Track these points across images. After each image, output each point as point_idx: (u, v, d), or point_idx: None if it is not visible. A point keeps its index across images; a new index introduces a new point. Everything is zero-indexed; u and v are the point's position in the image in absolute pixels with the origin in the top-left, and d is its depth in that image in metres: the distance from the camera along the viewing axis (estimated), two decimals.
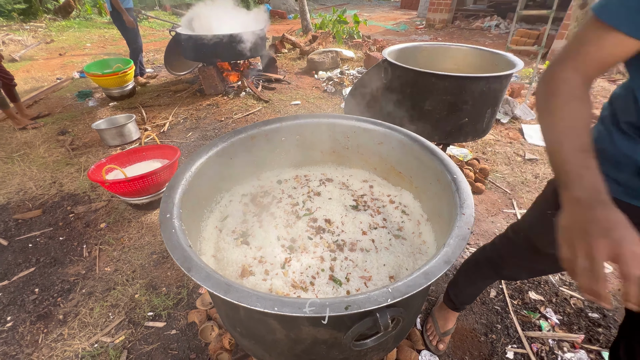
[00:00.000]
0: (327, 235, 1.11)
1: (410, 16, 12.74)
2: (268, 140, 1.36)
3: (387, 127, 1.27)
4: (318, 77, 4.86)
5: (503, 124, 3.48)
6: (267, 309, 0.62)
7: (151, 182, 2.06)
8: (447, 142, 2.26)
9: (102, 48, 7.19)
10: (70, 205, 2.40)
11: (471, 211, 0.85)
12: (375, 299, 0.63)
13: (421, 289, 0.65)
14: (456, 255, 0.73)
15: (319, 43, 6.17)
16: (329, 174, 1.46)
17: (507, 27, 9.83)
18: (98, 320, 1.62)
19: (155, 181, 2.08)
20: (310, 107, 3.93)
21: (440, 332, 1.44)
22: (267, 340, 0.83)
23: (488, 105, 2.05)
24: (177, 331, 1.57)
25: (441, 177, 1.04)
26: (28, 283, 1.82)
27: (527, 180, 2.63)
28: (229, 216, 1.21)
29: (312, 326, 0.73)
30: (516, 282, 1.80)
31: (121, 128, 3.10)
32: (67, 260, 1.97)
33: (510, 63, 2.14)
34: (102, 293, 1.76)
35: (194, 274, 0.69)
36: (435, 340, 1.44)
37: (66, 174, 2.75)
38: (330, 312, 0.61)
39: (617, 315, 1.63)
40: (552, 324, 1.59)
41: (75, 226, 2.22)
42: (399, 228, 1.17)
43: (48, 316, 1.65)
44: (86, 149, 3.13)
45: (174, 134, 3.41)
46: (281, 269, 0.97)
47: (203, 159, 1.12)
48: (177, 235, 0.80)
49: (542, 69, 5.03)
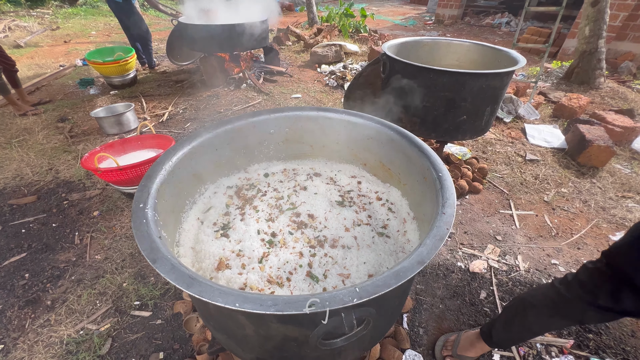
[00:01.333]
0: (308, 231, 1.08)
1: (419, 11, 12.53)
2: (256, 132, 1.34)
3: (377, 122, 1.24)
4: (321, 70, 4.80)
5: (506, 123, 3.41)
6: (228, 304, 0.60)
7: (143, 171, 2.05)
8: (444, 139, 2.22)
9: (107, 36, 7.17)
10: (65, 192, 2.41)
11: (452, 211, 0.82)
12: (341, 299, 0.61)
13: (390, 289, 0.63)
14: (430, 256, 0.70)
15: (323, 36, 6.09)
16: (317, 168, 1.44)
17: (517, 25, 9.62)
18: (85, 308, 1.63)
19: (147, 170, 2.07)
20: (311, 100, 3.89)
21: (456, 353, 1.35)
22: (237, 335, 0.82)
23: (488, 103, 2.00)
24: (162, 321, 1.57)
25: (427, 175, 1.01)
26: (19, 268, 1.83)
27: (527, 181, 2.58)
28: (212, 208, 1.20)
29: (280, 323, 0.71)
30: (507, 285, 1.77)
31: (119, 117, 3.09)
32: (58, 246, 1.98)
33: (513, 60, 2.08)
34: (91, 281, 1.76)
35: (158, 266, 0.67)
36: (446, 352, 1.36)
37: (63, 161, 2.76)
38: (293, 310, 0.59)
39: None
40: None
41: (69, 213, 2.22)
42: (384, 226, 1.14)
43: (36, 301, 1.66)
44: (84, 137, 3.13)
45: (172, 124, 3.40)
46: (258, 264, 0.96)
47: (185, 149, 1.10)
48: (147, 225, 0.78)
49: (549, 68, 4.92)
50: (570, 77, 4.32)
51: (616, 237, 2.10)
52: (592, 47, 4.00)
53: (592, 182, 2.58)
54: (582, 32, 4.05)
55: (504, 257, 1.94)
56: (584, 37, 4.03)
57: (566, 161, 2.81)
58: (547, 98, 3.93)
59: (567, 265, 1.90)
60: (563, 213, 2.29)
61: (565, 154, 2.89)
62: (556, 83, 4.41)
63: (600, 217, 2.26)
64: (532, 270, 1.86)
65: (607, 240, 2.08)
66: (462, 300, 1.68)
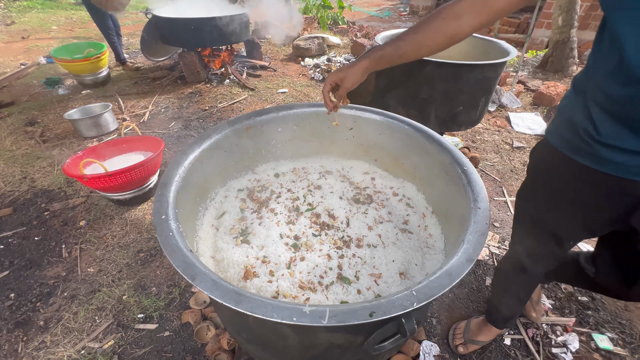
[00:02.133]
0: (332, 232, 1.06)
1: (393, 2, 12.59)
2: (264, 131, 1.28)
3: (390, 117, 1.22)
4: (304, 64, 4.72)
5: (490, 112, 3.51)
6: (285, 319, 0.56)
7: (134, 176, 1.93)
8: (441, 131, 2.24)
9: (70, 31, 6.67)
10: (45, 202, 2.23)
11: (486, 205, 0.82)
12: (401, 304, 0.59)
13: (446, 290, 0.62)
14: (478, 253, 0.70)
15: (304, 28, 5.99)
16: (328, 166, 1.41)
17: None
18: (83, 325, 1.52)
19: (138, 175, 1.96)
20: (298, 95, 3.82)
21: (467, 337, 1.37)
22: (277, 347, 0.78)
23: (482, 94, 2.04)
24: (170, 333, 1.49)
25: (449, 170, 1.01)
26: (2, 288, 1.68)
27: (516, 168, 2.67)
28: (226, 213, 1.14)
29: (330, 332, 0.68)
30: None
31: (97, 118, 2.89)
32: (44, 261, 1.83)
33: (503, 51, 2.13)
34: (86, 296, 1.65)
35: (199, 283, 0.62)
36: (458, 340, 1.38)
37: (38, 168, 2.55)
38: (354, 320, 0.57)
39: (604, 297, 1.69)
40: (545, 308, 1.63)
41: (52, 225, 2.06)
42: (405, 221, 1.13)
43: (27, 323, 1.53)
44: (59, 141, 2.91)
45: (155, 124, 3.23)
46: (287, 270, 0.92)
47: (196, 153, 1.03)
48: (175, 238, 0.73)
49: (525, 57, 5.11)
50: (546, 65, 4.51)
51: None
52: (565, 36, 4.18)
53: None
54: (556, 22, 4.21)
55: (503, 243, 2.00)
56: (558, 27, 4.20)
57: None
58: (527, 87, 4.08)
59: None
60: None
61: None
62: (533, 72, 4.58)
63: None
64: None
65: None
66: (469, 288, 1.73)
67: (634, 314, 1.63)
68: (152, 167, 2.02)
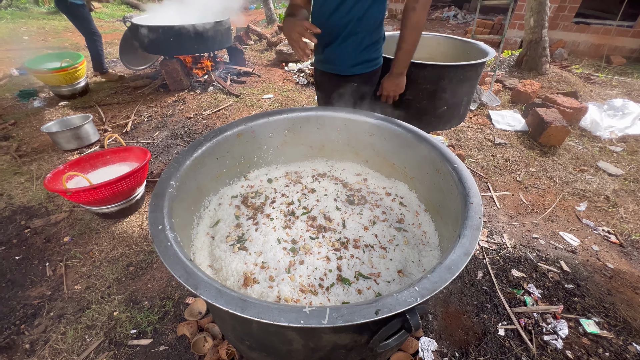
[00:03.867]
0: (329, 234, 1.07)
1: None
2: (255, 136, 1.28)
3: (380, 118, 1.25)
4: (288, 69, 4.73)
5: (472, 111, 3.62)
6: (292, 322, 0.57)
7: (121, 188, 1.88)
8: (427, 130, 2.28)
9: (43, 41, 6.45)
10: (25, 219, 2.14)
11: (479, 200, 0.85)
12: (405, 300, 0.60)
13: (447, 283, 0.64)
14: (474, 246, 0.72)
15: None
16: (320, 169, 1.42)
17: (464, 18, 10.22)
18: (73, 346, 1.46)
19: (125, 187, 1.91)
20: (284, 100, 3.83)
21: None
22: (281, 351, 0.78)
23: (465, 93, 2.10)
24: (166, 347, 1.46)
25: (440, 167, 1.03)
26: None
27: (499, 164, 2.76)
28: (221, 221, 1.13)
29: (335, 333, 0.69)
30: (499, 262, 1.89)
31: (77, 130, 2.80)
32: (27, 281, 1.75)
33: (482, 51, 2.20)
34: (75, 314, 1.59)
35: (202, 292, 0.62)
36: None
37: (15, 184, 2.45)
38: (360, 318, 0.57)
39: (588, 284, 1.77)
40: (535, 298, 1.69)
41: (34, 242, 1.98)
42: (399, 220, 1.16)
43: (11, 347, 1.46)
44: (36, 155, 2.80)
45: (138, 134, 3.15)
46: (287, 274, 0.92)
47: (189, 161, 1.02)
48: (173, 248, 0.72)
49: (501, 57, 5.30)
50: (521, 64, 4.70)
51: (581, 208, 2.33)
52: (537, 36, 4.37)
53: (553, 159, 2.83)
54: (528, 23, 4.40)
55: (492, 236, 2.06)
56: (530, 28, 4.39)
57: (530, 142, 3.05)
58: (504, 85, 4.24)
59: (546, 238, 2.07)
60: (534, 190, 2.49)
61: (528, 136, 3.14)
62: (509, 71, 4.76)
63: (565, 190, 2.49)
64: (518, 246, 2.00)
65: (574, 211, 2.31)
66: (462, 282, 1.77)
67: (616, 297, 1.71)
68: (138, 178, 1.97)
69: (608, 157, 2.89)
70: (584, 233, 2.13)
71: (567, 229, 2.16)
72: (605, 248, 2.02)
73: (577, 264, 1.89)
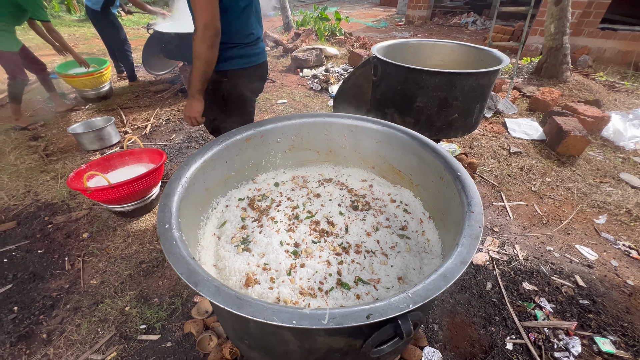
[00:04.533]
0: (331, 238, 1.08)
1: (390, 13, 12.85)
2: (263, 141, 1.32)
3: (386, 125, 1.26)
4: (303, 75, 4.80)
5: (487, 119, 3.55)
6: (285, 322, 0.58)
7: (137, 188, 1.96)
8: (438, 137, 2.28)
9: (73, 47, 6.80)
10: (48, 215, 2.26)
11: (480, 209, 0.84)
12: (397, 306, 0.61)
13: (442, 291, 0.64)
14: (471, 255, 0.72)
15: (302, 40, 6.11)
16: (326, 174, 1.44)
17: (483, 24, 10.09)
18: (86, 337, 1.53)
19: (141, 187, 1.99)
20: (297, 105, 3.88)
21: None
22: (278, 352, 0.80)
23: (477, 101, 2.08)
24: (172, 343, 1.50)
25: (444, 175, 1.03)
26: (5, 301, 1.70)
27: (514, 173, 2.70)
28: (227, 222, 1.16)
29: (329, 336, 0.70)
30: (510, 274, 1.84)
31: (100, 131, 2.94)
32: (47, 274, 1.85)
33: (495, 59, 2.18)
34: (89, 307, 1.66)
35: (202, 289, 0.64)
36: None
37: (41, 182, 2.59)
38: (352, 322, 0.59)
39: (605, 300, 1.70)
40: (547, 312, 1.64)
41: (55, 237, 2.09)
42: (402, 227, 1.16)
43: (30, 336, 1.54)
44: (62, 155, 2.95)
45: (156, 136, 3.28)
46: (287, 276, 0.94)
47: (198, 164, 1.06)
48: (178, 247, 0.75)
49: (520, 64, 5.19)
50: (540, 72, 4.58)
51: (600, 221, 2.24)
52: (558, 43, 4.26)
53: (572, 170, 2.74)
54: (548, 30, 4.30)
55: (503, 247, 2.01)
56: (550, 34, 4.29)
57: (547, 152, 2.97)
58: (522, 93, 4.14)
59: (561, 251, 2.00)
60: (550, 201, 2.41)
61: (546, 145, 3.05)
62: (527, 78, 4.65)
63: (584, 202, 2.40)
64: (530, 258, 1.94)
65: (592, 224, 2.22)
66: (470, 293, 1.73)
67: (636, 316, 1.63)
68: (154, 178, 2.05)
69: (632, 169, 2.77)
70: (603, 247, 2.04)
71: (584, 242, 2.08)
72: (626, 264, 1.93)
73: (593, 279, 1.81)
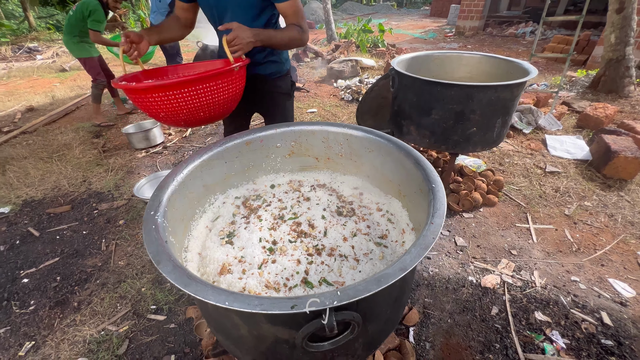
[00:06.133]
0: (308, 240, 1.13)
1: (439, 24, 12.56)
2: (263, 145, 1.42)
3: (376, 134, 1.28)
4: (337, 85, 4.92)
5: (525, 135, 3.31)
6: (219, 302, 0.65)
7: (212, 94, 1.22)
8: (455, 151, 2.20)
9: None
10: (96, 202, 2.61)
11: (440, 221, 0.84)
12: (322, 301, 0.64)
13: (370, 294, 0.66)
14: (413, 264, 0.72)
15: (341, 52, 6.26)
16: (322, 180, 1.49)
17: (543, 34, 9.39)
18: (107, 310, 1.75)
19: (217, 93, 1.23)
20: (326, 115, 3.99)
21: None
22: (234, 336, 0.87)
23: (498, 115, 1.98)
24: (175, 325, 1.65)
25: (423, 187, 1.03)
26: (52, 271, 2.00)
27: (546, 194, 2.49)
28: (220, 217, 1.28)
29: (269, 324, 0.75)
30: (522, 301, 1.70)
31: (147, 132, 3.33)
32: (87, 252, 2.14)
33: (524, 71, 2.06)
34: (114, 285, 1.89)
35: (161, 267, 0.74)
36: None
37: (95, 173, 3.00)
38: (276, 309, 0.64)
39: (635, 344, 1.49)
40: (558, 347, 1.49)
41: (98, 222, 2.40)
42: (382, 236, 1.17)
43: (65, 303, 1.80)
44: (115, 151, 3.39)
45: (194, 138, 3.60)
46: (257, 269, 1.01)
47: (196, 162, 1.19)
48: (156, 231, 0.86)
49: (575, 77, 4.75)
50: (597, 86, 4.15)
51: None
52: (619, 54, 3.84)
53: (619, 195, 2.44)
54: (608, 40, 3.91)
55: (519, 272, 1.87)
56: (610, 45, 3.89)
57: (590, 173, 2.68)
58: (571, 108, 3.79)
59: (589, 283, 1.80)
60: (586, 227, 2.18)
61: (589, 165, 2.76)
62: (582, 92, 4.25)
63: (629, 232, 2.13)
64: (550, 286, 1.78)
65: (636, 257, 1.96)
66: (472, 316, 1.64)
67: None
68: (234, 82, 1.30)
69: None
70: None
71: (622, 276, 1.84)
72: None
73: (624, 319, 1.60)
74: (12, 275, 1.97)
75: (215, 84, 1.22)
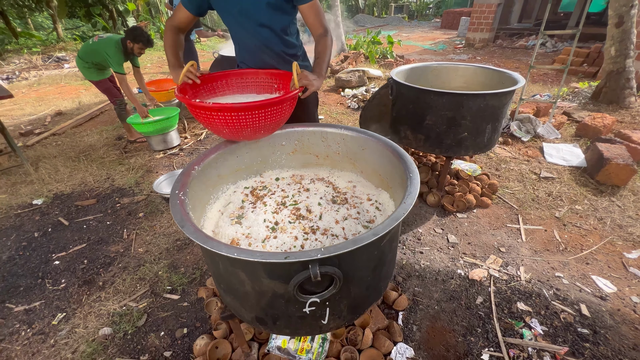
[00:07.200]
0: (305, 222, 1.31)
1: (450, 36, 12.75)
2: (270, 143, 1.62)
3: (367, 134, 1.47)
4: (344, 94, 5.14)
5: (523, 142, 3.44)
6: (229, 253, 0.84)
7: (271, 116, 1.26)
8: (449, 154, 2.36)
9: (159, 67, 8.20)
10: (118, 197, 2.86)
11: (412, 201, 1.01)
12: (309, 254, 0.83)
13: (347, 250, 0.83)
14: (384, 231, 0.90)
15: (349, 63, 6.51)
16: (321, 174, 1.68)
17: (554, 46, 9.47)
18: (128, 289, 1.95)
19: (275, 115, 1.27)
20: (332, 121, 4.20)
21: None
22: (240, 293, 1.05)
23: (488, 121, 2.14)
24: (188, 303, 1.84)
25: (403, 177, 1.21)
26: (80, 255, 2.23)
27: (539, 197, 2.60)
28: (231, 203, 1.47)
29: (268, 278, 0.93)
30: (506, 292, 1.83)
31: (165, 135, 3.59)
32: (110, 240, 2.37)
33: (514, 81, 2.23)
34: (134, 268, 2.10)
35: (185, 229, 0.94)
36: None
37: (118, 171, 3.27)
38: (274, 259, 0.82)
39: (609, 333, 1.60)
40: (535, 333, 1.61)
41: (120, 214, 2.64)
42: (370, 220, 1.34)
43: (91, 282, 2.02)
44: (136, 152, 3.66)
45: (208, 142, 3.86)
46: (261, 243, 1.20)
47: (213, 155, 1.40)
48: (181, 204, 1.06)
49: (577, 88, 4.84)
50: (598, 97, 4.25)
51: (632, 255, 2.07)
52: (620, 66, 3.95)
53: (610, 200, 2.54)
54: (608, 53, 4.02)
55: (506, 267, 1.99)
56: (610, 57, 4.00)
57: (584, 179, 2.79)
58: (571, 118, 3.90)
59: (572, 279, 1.91)
60: (575, 229, 2.29)
61: (583, 172, 2.86)
62: (583, 103, 4.34)
63: (616, 234, 2.23)
64: (534, 281, 1.90)
65: (621, 257, 2.06)
66: (457, 304, 1.77)
67: None
68: (293, 104, 1.39)
69: None
70: (626, 282, 1.90)
71: (605, 274, 1.95)
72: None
73: (602, 311, 1.71)
74: (46, 258, 2.21)
75: (282, 106, 1.26)
